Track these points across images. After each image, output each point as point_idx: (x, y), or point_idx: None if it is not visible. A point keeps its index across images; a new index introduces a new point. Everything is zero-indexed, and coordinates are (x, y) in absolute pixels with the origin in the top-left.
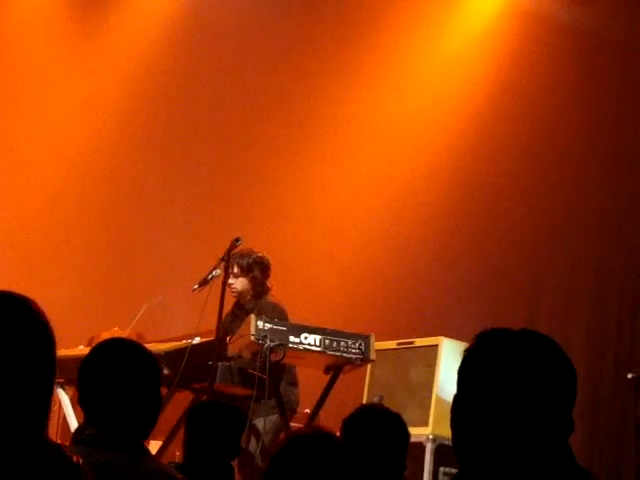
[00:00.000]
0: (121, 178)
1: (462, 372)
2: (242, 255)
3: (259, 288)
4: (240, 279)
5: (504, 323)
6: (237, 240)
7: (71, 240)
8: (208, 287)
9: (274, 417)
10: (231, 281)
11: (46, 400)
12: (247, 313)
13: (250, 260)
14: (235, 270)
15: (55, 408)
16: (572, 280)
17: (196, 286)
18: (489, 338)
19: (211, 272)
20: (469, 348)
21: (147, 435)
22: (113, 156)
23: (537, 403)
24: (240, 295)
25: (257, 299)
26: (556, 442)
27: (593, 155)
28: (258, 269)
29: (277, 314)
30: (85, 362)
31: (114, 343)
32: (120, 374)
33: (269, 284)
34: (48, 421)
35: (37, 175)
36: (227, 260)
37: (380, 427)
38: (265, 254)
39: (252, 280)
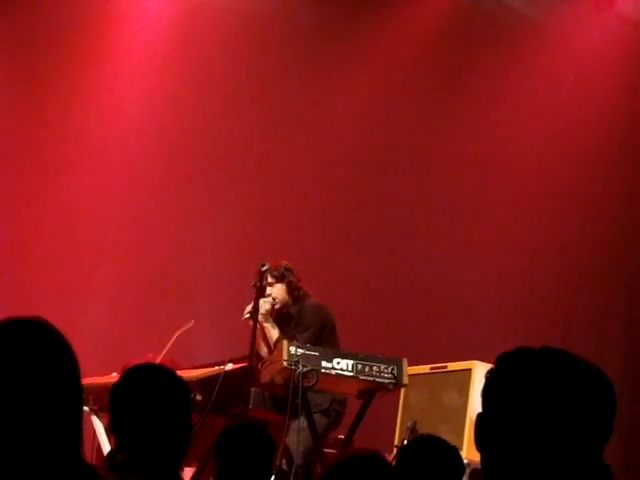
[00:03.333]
0: (155, 206)
1: (486, 393)
2: (272, 267)
3: (296, 292)
4: (277, 286)
5: (538, 343)
6: (263, 265)
7: (103, 267)
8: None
9: (306, 439)
10: (269, 292)
11: (76, 423)
12: (292, 317)
13: (281, 269)
14: (270, 280)
15: (90, 436)
16: (604, 297)
17: (247, 315)
18: (511, 358)
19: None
20: (492, 369)
21: (179, 461)
22: (145, 182)
23: (563, 421)
24: (281, 303)
25: (298, 302)
26: (589, 459)
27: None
28: (290, 274)
29: (322, 315)
30: (116, 387)
31: (145, 369)
32: (150, 399)
33: (305, 287)
34: (82, 443)
35: (66, 201)
36: (259, 286)
37: (437, 459)
38: None
39: (288, 285)
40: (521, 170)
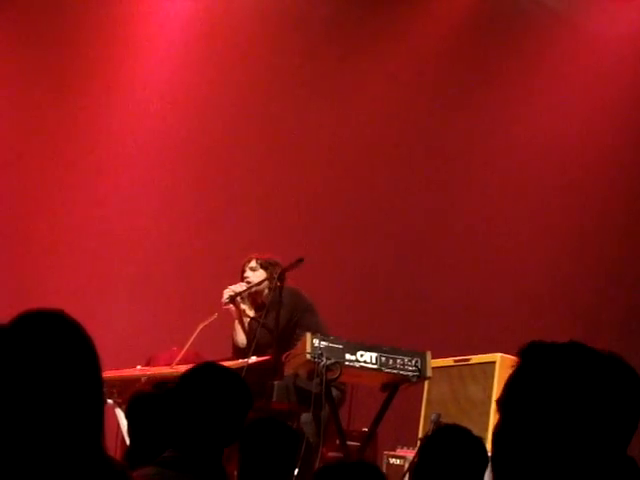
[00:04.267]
0: (173, 197)
1: (510, 388)
2: (259, 255)
3: (275, 282)
4: (258, 272)
5: (562, 338)
6: (300, 260)
7: (126, 260)
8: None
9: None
10: (247, 275)
11: (96, 415)
12: (267, 305)
13: (270, 259)
14: (252, 265)
15: (114, 428)
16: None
17: (227, 299)
18: (531, 352)
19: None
20: (515, 365)
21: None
22: (165, 179)
23: (587, 415)
24: (257, 289)
25: (274, 291)
26: (615, 452)
27: None
28: (274, 268)
29: (294, 297)
30: (181, 384)
31: (206, 368)
32: (214, 400)
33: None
34: (103, 436)
35: (90, 198)
36: (281, 279)
37: (461, 448)
38: None
39: (269, 276)
40: (548, 162)
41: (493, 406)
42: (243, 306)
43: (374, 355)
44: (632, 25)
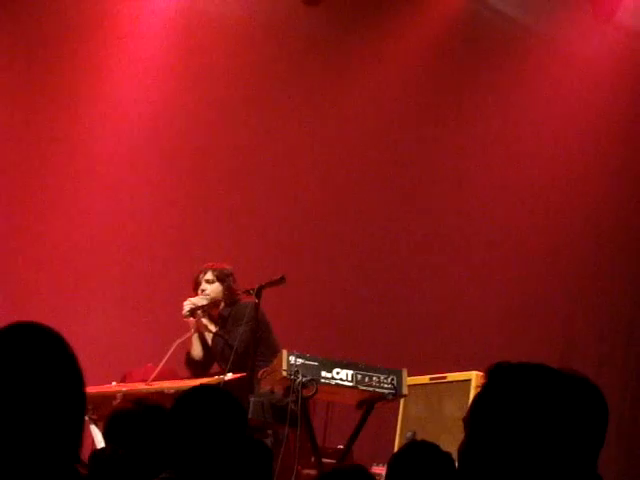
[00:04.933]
0: (158, 212)
1: (476, 407)
2: (213, 266)
3: (231, 296)
4: (214, 285)
5: (537, 357)
6: (283, 278)
7: (104, 276)
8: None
9: None
10: (204, 287)
11: (76, 433)
12: (224, 319)
13: (223, 270)
14: (209, 277)
15: (88, 445)
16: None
17: (187, 312)
18: (499, 372)
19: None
20: (482, 384)
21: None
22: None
23: (554, 434)
24: (214, 302)
25: (231, 306)
26: (581, 470)
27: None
28: (231, 279)
29: (251, 310)
30: (175, 409)
31: (203, 390)
32: (211, 422)
33: (239, 292)
34: (80, 452)
35: (69, 205)
36: (258, 295)
37: (429, 463)
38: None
39: (226, 288)
40: (521, 179)
41: None
42: (204, 320)
43: (350, 373)
44: (609, 43)
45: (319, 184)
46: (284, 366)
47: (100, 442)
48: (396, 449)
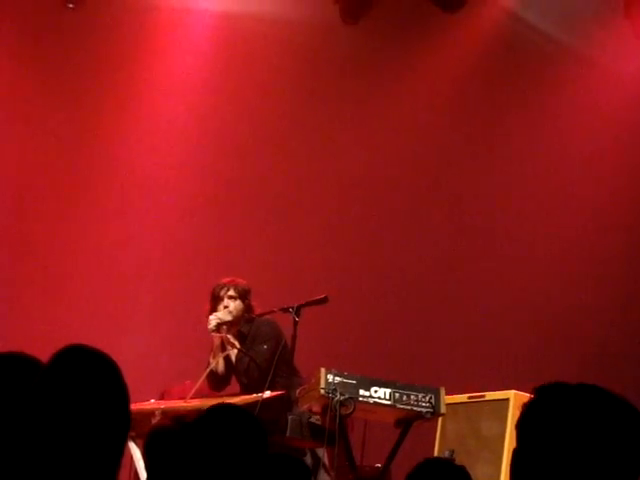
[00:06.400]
0: (189, 231)
1: (523, 425)
2: (235, 281)
3: (249, 314)
4: (237, 302)
5: (573, 379)
6: (324, 299)
7: (143, 295)
8: None
9: None
10: (226, 303)
11: (118, 452)
12: (243, 336)
13: (246, 287)
14: (232, 293)
15: (127, 462)
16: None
17: (214, 326)
18: (546, 393)
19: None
20: (529, 401)
21: None
22: (185, 208)
23: (601, 457)
24: (235, 318)
25: (249, 323)
26: None
27: None
28: (250, 297)
29: (277, 329)
30: (198, 425)
31: (223, 409)
32: (231, 441)
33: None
34: (118, 473)
35: (108, 227)
36: (297, 313)
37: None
38: None
39: (246, 306)
40: (559, 198)
41: (507, 443)
42: (229, 336)
43: (388, 391)
44: None
45: (359, 202)
46: (322, 384)
47: (139, 459)
48: None
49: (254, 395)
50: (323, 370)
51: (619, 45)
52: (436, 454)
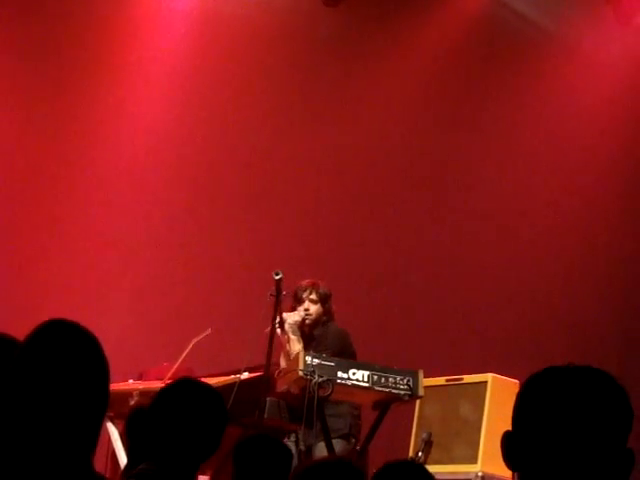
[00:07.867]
0: (171, 211)
1: (517, 412)
2: (318, 285)
3: (326, 317)
4: (317, 306)
5: (549, 362)
6: (277, 274)
7: (121, 274)
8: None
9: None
10: (307, 306)
11: (95, 431)
12: (314, 339)
13: (327, 291)
14: (314, 297)
15: (105, 442)
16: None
17: (277, 324)
18: (540, 377)
19: (278, 311)
20: (526, 384)
21: (197, 468)
22: (165, 193)
23: (598, 439)
24: (312, 322)
25: (323, 325)
26: (613, 452)
27: None
28: (330, 300)
29: (342, 340)
30: (158, 399)
31: (184, 384)
32: (190, 415)
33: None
34: (94, 452)
35: (89, 210)
36: (277, 295)
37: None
38: None
39: (326, 310)
40: (536, 184)
41: (484, 425)
42: (293, 336)
43: (366, 373)
44: (629, 46)
45: (341, 188)
46: (300, 366)
47: (117, 440)
48: (411, 450)
49: (232, 376)
50: (302, 352)
51: (601, 30)
52: (413, 436)
